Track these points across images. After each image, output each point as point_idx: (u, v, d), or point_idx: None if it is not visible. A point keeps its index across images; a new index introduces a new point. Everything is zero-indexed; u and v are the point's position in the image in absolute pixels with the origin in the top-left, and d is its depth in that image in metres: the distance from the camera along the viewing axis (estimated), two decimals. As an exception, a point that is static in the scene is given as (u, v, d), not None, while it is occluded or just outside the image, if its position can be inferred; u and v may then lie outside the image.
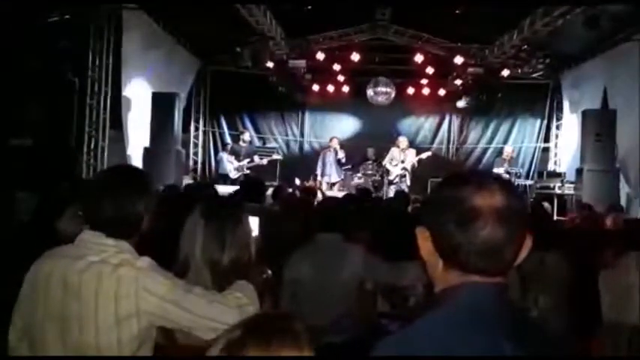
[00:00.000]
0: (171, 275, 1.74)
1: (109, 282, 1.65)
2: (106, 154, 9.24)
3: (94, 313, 1.65)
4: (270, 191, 5.88)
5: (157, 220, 1.90)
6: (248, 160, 10.95)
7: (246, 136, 11.43)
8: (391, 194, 10.32)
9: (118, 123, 9.40)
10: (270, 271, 2.03)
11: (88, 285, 1.66)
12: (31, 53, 8.07)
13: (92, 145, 9.12)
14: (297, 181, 10.90)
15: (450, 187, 1.09)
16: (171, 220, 2.11)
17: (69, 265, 1.69)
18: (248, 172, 10.81)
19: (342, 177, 11.50)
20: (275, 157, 11.46)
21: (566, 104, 12.20)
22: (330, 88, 12.92)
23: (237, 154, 11.06)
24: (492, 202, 1.04)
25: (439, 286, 1.11)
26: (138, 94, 9.57)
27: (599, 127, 9.00)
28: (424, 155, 11.27)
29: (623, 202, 8.94)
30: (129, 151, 9.53)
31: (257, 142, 12.66)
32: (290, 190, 8.17)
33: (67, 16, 8.46)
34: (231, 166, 11.01)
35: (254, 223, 2.55)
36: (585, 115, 9.38)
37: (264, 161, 11.09)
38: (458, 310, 1.04)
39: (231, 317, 1.70)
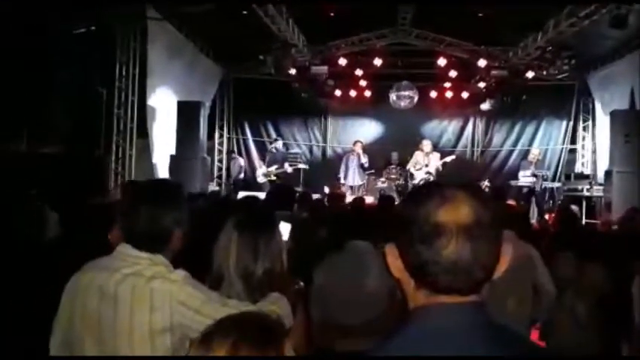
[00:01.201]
0: (205, 288, 1.75)
1: (143, 294, 1.67)
2: (133, 162, 9.39)
3: (129, 325, 1.67)
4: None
5: (193, 231, 1.92)
6: (276, 166, 11.05)
7: (279, 145, 11.52)
8: (415, 199, 10.25)
9: (144, 132, 9.56)
10: (302, 283, 2.04)
11: (123, 297, 1.68)
12: (60, 64, 8.25)
13: (120, 154, 9.29)
14: (327, 189, 10.92)
15: (413, 203, 1.04)
16: (204, 231, 2.14)
17: (106, 278, 1.72)
18: (275, 178, 10.91)
19: (365, 181, 11.49)
20: (301, 166, 11.53)
21: (598, 105, 11.98)
22: (353, 93, 12.93)
23: (269, 162, 11.24)
24: (457, 216, 0.98)
25: (411, 305, 1.06)
26: (163, 103, 9.72)
27: (628, 128, 8.83)
28: (448, 159, 11.20)
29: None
30: (155, 159, 9.67)
31: (281, 148, 12.75)
32: (318, 196, 8.20)
33: (94, 28, 8.64)
34: (259, 171, 11.18)
35: (286, 229, 2.56)
36: (614, 115, 9.22)
37: (290, 169, 11.17)
38: (421, 333, 0.99)
39: None
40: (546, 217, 8.97)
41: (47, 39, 7.83)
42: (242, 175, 12.38)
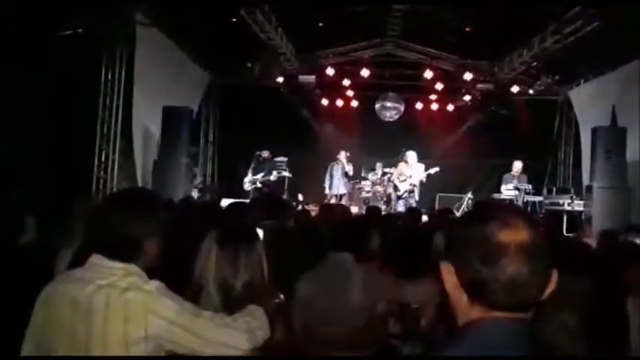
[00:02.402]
0: (180, 299, 1.73)
1: (118, 305, 1.66)
2: (116, 167, 9.28)
3: (103, 337, 1.65)
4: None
5: (170, 241, 1.90)
6: (262, 174, 11.00)
7: (265, 153, 11.43)
8: (400, 209, 10.32)
9: (128, 136, 9.46)
10: (282, 296, 2.02)
11: (97, 308, 1.66)
12: (44, 66, 8.15)
13: (103, 158, 9.17)
14: (300, 197, 10.98)
15: (475, 223, 1.09)
16: (185, 241, 2.12)
17: (80, 289, 1.70)
18: (260, 186, 10.88)
19: (349, 190, 11.52)
20: (285, 174, 11.52)
21: (580, 121, 12.14)
22: (339, 102, 13.00)
23: (256, 170, 11.16)
24: (517, 238, 1.04)
25: (462, 320, 1.11)
26: (148, 108, 9.64)
27: (609, 144, 8.96)
28: (432, 170, 11.25)
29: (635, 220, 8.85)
30: (138, 165, 9.59)
31: (268, 156, 12.72)
32: (295, 205, 8.22)
33: (80, 30, 8.56)
34: (246, 179, 11.16)
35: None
36: (595, 132, 9.34)
37: (275, 177, 11.13)
38: (480, 348, 1.04)
39: (240, 341, 1.71)
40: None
41: (31, 39, 7.74)
42: (197, 182, 12.09)
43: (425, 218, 6.78)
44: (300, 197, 11.01)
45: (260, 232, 2.29)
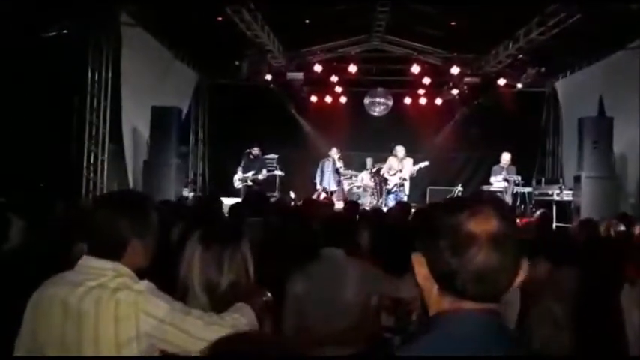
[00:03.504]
0: (170, 298, 1.75)
1: (108, 306, 1.67)
2: (106, 168, 9.24)
3: (94, 338, 1.66)
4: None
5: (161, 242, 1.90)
6: (253, 172, 10.99)
7: (255, 151, 11.38)
8: (390, 203, 10.36)
9: (117, 137, 9.42)
10: (269, 294, 2.03)
11: (87, 310, 1.67)
12: (30, 68, 8.09)
13: (92, 160, 9.11)
14: (292, 194, 11.00)
15: (444, 213, 1.09)
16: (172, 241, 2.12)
17: (69, 292, 1.70)
18: (251, 184, 10.87)
19: (341, 186, 11.56)
20: (276, 172, 11.53)
21: (566, 112, 12.24)
22: (328, 99, 13.02)
23: (246, 168, 11.13)
24: (487, 227, 1.03)
25: (433, 311, 1.11)
26: (137, 108, 9.61)
27: (596, 134, 9.05)
28: (422, 164, 11.29)
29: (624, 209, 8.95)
30: (129, 166, 9.55)
31: (258, 154, 12.69)
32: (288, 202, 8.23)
33: (65, 32, 8.49)
34: (236, 177, 11.13)
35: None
36: (582, 122, 9.42)
37: (263, 175, 11.11)
38: (450, 338, 1.04)
39: None
40: (517, 221, 9.10)
41: (15, 41, 7.66)
42: (188, 182, 11.99)
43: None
44: (292, 194, 11.02)
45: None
